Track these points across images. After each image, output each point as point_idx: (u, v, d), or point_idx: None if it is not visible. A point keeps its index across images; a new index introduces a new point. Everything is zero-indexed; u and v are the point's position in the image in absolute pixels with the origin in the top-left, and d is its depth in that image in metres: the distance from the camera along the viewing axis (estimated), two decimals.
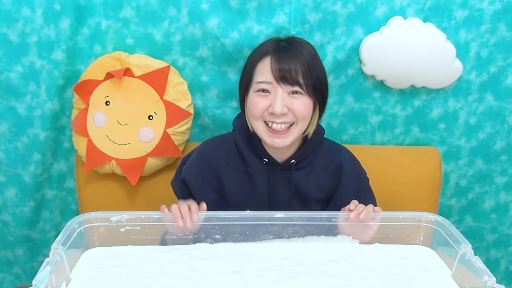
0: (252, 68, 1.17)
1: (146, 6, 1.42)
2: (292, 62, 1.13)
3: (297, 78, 1.12)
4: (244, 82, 1.19)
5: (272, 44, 1.18)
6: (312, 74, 1.14)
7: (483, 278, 0.88)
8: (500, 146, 1.64)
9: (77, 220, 1.03)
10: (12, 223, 1.64)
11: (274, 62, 1.13)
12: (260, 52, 1.17)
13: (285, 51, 1.15)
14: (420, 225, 1.09)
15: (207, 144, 1.30)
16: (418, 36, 1.43)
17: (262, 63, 1.15)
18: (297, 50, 1.15)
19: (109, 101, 1.44)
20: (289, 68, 1.12)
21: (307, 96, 1.15)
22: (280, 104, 1.12)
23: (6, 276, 1.77)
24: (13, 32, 1.41)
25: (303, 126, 1.18)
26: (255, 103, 1.16)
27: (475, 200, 1.72)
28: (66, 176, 1.64)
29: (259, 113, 1.15)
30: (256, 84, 1.15)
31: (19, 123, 1.52)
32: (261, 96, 1.15)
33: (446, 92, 1.56)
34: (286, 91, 1.13)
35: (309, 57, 1.15)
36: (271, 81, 1.13)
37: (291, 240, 1.08)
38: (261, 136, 1.18)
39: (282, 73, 1.12)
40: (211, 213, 1.08)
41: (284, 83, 1.12)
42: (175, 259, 1.02)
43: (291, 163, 1.22)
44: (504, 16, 1.46)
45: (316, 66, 1.16)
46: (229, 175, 1.24)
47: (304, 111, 1.15)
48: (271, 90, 1.14)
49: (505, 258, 1.81)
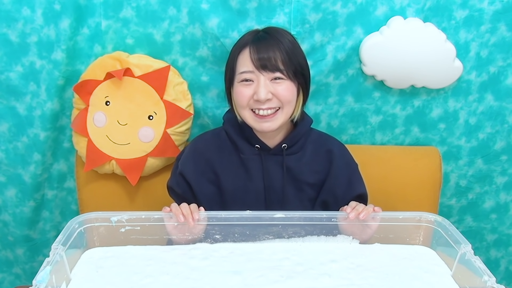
0: (233, 61, 1.22)
1: (146, 6, 1.42)
2: (270, 50, 1.17)
3: (277, 65, 1.17)
4: (228, 75, 1.25)
5: (250, 35, 1.23)
6: (292, 60, 1.18)
7: (483, 278, 0.88)
8: (500, 146, 1.64)
9: (77, 220, 1.03)
10: (12, 223, 1.64)
11: (253, 52, 1.18)
12: (240, 45, 1.22)
13: (263, 40, 1.19)
14: (420, 225, 1.09)
15: (198, 139, 1.34)
16: (418, 36, 1.43)
17: (243, 55, 1.20)
18: (275, 38, 1.19)
19: (109, 101, 1.44)
20: (268, 56, 1.17)
21: (289, 80, 1.19)
22: (264, 90, 1.17)
23: (6, 276, 1.77)
24: (13, 32, 1.41)
25: (289, 110, 1.22)
26: (240, 92, 1.21)
27: (475, 200, 1.72)
28: (66, 176, 1.64)
29: (245, 102, 1.20)
30: (239, 75, 1.20)
31: (19, 123, 1.52)
32: (245, 85, 1.20)
33: (446, 92, 1.56)
34: (268, 78, 1.18)
35: (288, 45, 1.19)
36: (253, 70, 1.18)
37: (291, 240, 1.08)
38: (250, 123, 1.23)
39: (262, 61, 1.16)
40: (211, 213, 1.08)
41: (265, 70, 1.17)
42: (175, 259, 1.02)
43: (283, 147, 1.26)
44: (504, 16, 1.46)
45: (296, 52, 1.20)
46: (223, 165, 1.28)
47: (287, 95, 1.20)
48: (253, 78, 1.19)
49: (505, 258, 1.81)
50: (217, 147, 1.30)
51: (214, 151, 1.29)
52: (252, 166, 1.27)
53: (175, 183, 1.30)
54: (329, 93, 1.54)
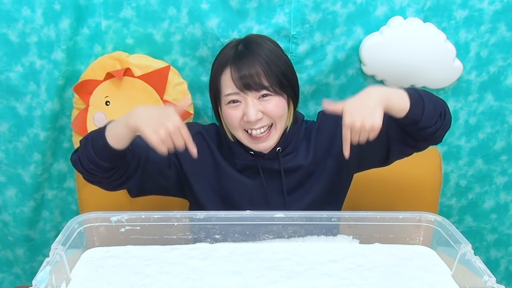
0: (216, 81, 1.17)
1: (146, 6, 1.42)
2: (252, 67, 1.12)
3: (261, 82, 1.12)
4: (213, 95, 1.20)
5: (230, 50, 1.17)
6: (275, 73, 1.13)
7: (483, 278, 0.88)
8: (500, 146, 1.64)
9: (77, 220, 1.03)
10: (12, 223, 1.64)
11: (234, 72, 1.12)
12: (220, 63, 1.17)
13: (242, 58, 1.13)
14: (420, 225, 1.09)
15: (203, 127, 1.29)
16: (418, 36, 1.43)
17: (225, 75, 1.15)
18: (254, 53, 1.13)
19: (109, 101, 1.44)
20: (250, 73, 1.11)
21: (277, 96, 1.15)
22: (253, 111, 1.12)
23: (6, 276, 1.77)
24: (13, 32, 1.41)
25: (282, 124, 1.19)
26: (229, 115, 1.16)
27: (475, 200, 1.72)
28: (66, 176, 1.64)
29: (237, 124, 1.16)
30: (225, 97, 1.16)
31: (19, 123, 1.52)
32: (233, 107, 1.15)
33: (446, 92, 1.56)
34: (255, 96, 1.13)
35: (267, 55, 1.14)
36: (238, 92, 1.13)
37: (291, 240, 1.08)
38: (245, 143, 1.19)
39: (245, 80, 1.11)
40: (211, 213, 1.08)
41: (250, 90, 1.12)
42: (175, 259, 1.01)
43: (277, 150, 1.22)
44: (504, 16, 1.46)
45: (276, 61, 1.14)
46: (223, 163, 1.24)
47: (278, 111, 1.15)
48: (240, 99, 1.14)
49: (505, 258, 1.81)
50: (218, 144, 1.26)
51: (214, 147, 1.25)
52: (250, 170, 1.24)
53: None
54: (329, 93, 1.54)
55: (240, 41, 1.19)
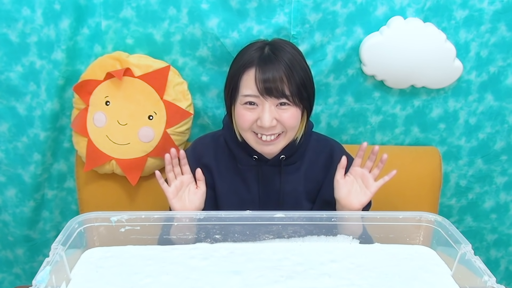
0: (237, 80, 1.17)
1: (146, 6, 1.42)
2: (276, 71, 1.12)
3: (283, 90, 1.12)
4: (230, 92, 1.20)
5: (256, 52, 1.17)
6: (298, 86, 1.14)
7: (483, 278, 0.88)
8: (500, 146, 1.64)
9: (77, 220, 1.02)
10: (12, 223, 1.64)
11: (259, 75, 1.12)
12: (244, 62, 1.16)
13: (268, 61, 1.14)
14: (420, 225, 1.09)
15: (198, 142, 1.33)
16: (418, 36, 1.43)
17: (247, 75, 1.15)
18: (280, 58, 1.14)
19: (109, 101, 1.44)
20: (274, 78, 1.11)
21: (294, 107, 1.15)
22: (269, 118, 1.13)
23: (6, 276, 1.77)
24: (13, 32, 1.41)
25: (292, 134, 1.20)
26: (243, 116, 1.16)
27: (475, 200, 1.72)
28: (66, 176, 1.64)
29: (248, 126, 1.17)
30: (243, 97, 1.16)
31: (19, 123, 1.52)
32: (249, 109, 1.16)
33: (446, 92, 1.56)
34: (273, 103, 1.14)
35: (290, 60, 1.14)
36: (257, 95, 1.13)
37: (291, 240, 1.08)
38: (251, 144, 1.21)
39: (268, 85, 1.12)
40: (211, 213, 1.08)
41: (271, 96, 1.13)
42: (175, 259, 1.01)
43: (281, 158, 1.24)
44: (504, 16, 1.46)
45: (297, 67, 1.15)
46: (220, 172, 1.27)
47: (292, 122, 1.17)
48: (258, 103, 1.15)
49: (505, 258, 1.81)
50: (215, 153, 1.29)
51: (211, 157, 1.28)
52: (249, 176, 1.26)
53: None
54: (329, 93, 1.54)
55: (266, 44, 1.19)
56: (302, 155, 1.27)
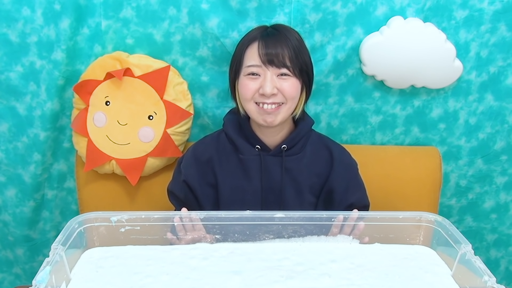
0: (241, 54, 1.24)
1: (146, 6, 1.42)
2: (278, 46, 1.19)
3: (284, 61, 1.19)
4: (234, 67, 1.27)
5: (259, 30, 1.25)
6: (299, 58, 1.21)
7: (483, 278, 0.88)
8: (500, 146, 1.64)
9: (77, 220, 1.02)
10: (12, 223, 1.64)
11: (261, 47, 1.20)
12: (248, 39, 1.25)
13: (271, 36, 1.22)
14: (420, 225, 1.09)
15: (198, 143, 1.36)
16: (418, 36, 1.43)
17: (251, 48, 1.22)
18: (283, 35, 1.22)
19: (109, 101, 1.44)
20: (276, 51, 1.19)
21: (294, 77, 1.22)
22: (270, 85, 1.19)
23: (6, 276, 1.77)
24: (13, 32, 1.41)
25: (291, 106, 1.25)
26: (246, 85, 1.23)
27: (475, 200, 1.72)
28: (66, 176, 1.64)
29: (250, 95, 1.22)
30: (246, 68, 1.23)
31: (19, 123, 1.52)
32: (251, 79, 1.22)
33: (446, 92, 1.56)
34: (275, 73, 1.21)
35: (295, 42, 1.22)
36: (260, 64, 1.20)
37: (291, 240, 1.08)
38: (253, 116, 1.25)
39: (270, 56, 1.19)
40: (211, 213, 1.08)
41: (272, 65, 1.20)
42: (175, 259, 1.01)
43: (282, 148, 1.27)
44: (504, 16, 1.46)
45: (302, 51, 1.23)
46: (221, 165, 1.29)
47: (292, 91, 1.22)
48: (260, 73, 1.21)
49: (505, 258, 1.81)
50: (216, 148, 1.31)
51: (213, 152, 1.30)
52: (251, 167, 1.28)
53: (178, 189, 1.30)
54: (329, 93, 1.54)
55: (269, 26, 1.28)
56: (303, 147, 1.30)
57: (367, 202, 1.33)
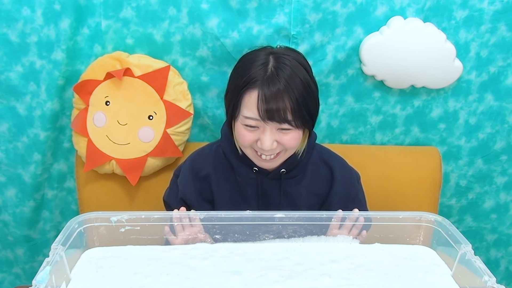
0: (238, 98, 1.12)
1: (146, 6, 1.42)
2: (280, 100, 1.07)
3: (286, 117, 1.08)
4: (231, 109, 1.15)
5: (260, 70, 1.10)
6: (302, 110, 1.10)
7: (483, 278, 0.88)
8: (500, 146, 1.64)
9: (77, 220, 1.02)
10: (12, 223, 1.64)
11: (261, 101, 1.07)
12: (247, 79, 1.10)
13: (273, 87, 1.07)
14: (420, 225, 1.09)
15: (196, 155, 1.31)
16: (418, 36, 1.43)
17: (249, 97, 1.10)
18: (287, 85, 1.07)
19: (109, 101, 1.44)
20: (277, 106, 1.07)
21: (296, 129, 1.12)
22: (269, 142, 1.11)
23: (6, 276, 1.77)
24: (13, 32, 1.41)
25: (292, 152, 1.19)
26: (243, 136, 1.14)
27: (475, 200, 1.72)
28: (66, 176, 1.64)
29: (248, 145, 1.16)
30: (243, 118, 1.12)
31: (19, 123, 1.52)
32: (249, 130, 1.13)
33: (446, 92, 1.56)
34: (275, 127, 1.11)
35: (299, 90, 1.08)
36: (259, 119, 1.10)
37: (291, 240, 1.08)
38: (250, 157, 1.20)
39: (270, 113, 1.08)
40: (211, 213, 1.08)
41: (272, 121, 1.09)
42: (175, 259, 1.01)
43: (281, 172, 1.22)
44: (504, 16, 1.46)
45: (306, 98, 1.10)
46: (219, 184, 1.26)
47: (293, 143, 1.15)
48: (259, 125, 1.12)
49: (505, 258, 1.81)
50: (214, 164, 1.27)
51: (210, 169, 1.26)
52: (248, 189, 1.25)
53: (175, 203, 1.25)
54: (329, 93, 1.54)
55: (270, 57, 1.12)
56: (303, 169, 1.25)
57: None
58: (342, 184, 1.26)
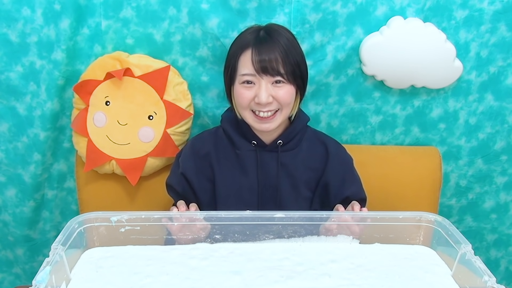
0: (235, 61, 1.24)
1: (146, 6, 1.42)
2: (271, 53, 1.19)
3: (278, 68, 1.20)
4: (229, 73, 1.27)
5: (251, 35, 1.24)
6: (290, 60, 1.21)
7: (483, 278, 0.88)
8: (500, 146, 1.64)
9: (77, 220, 1.02)
10: (12, 223, 1.64)
11: (255, 55, 1.20)
12: (241, 44, 1.24)
13: (264, 43, 1.21)
14: (420, 225, 1.09)
15: (196, 137, 1.38)
16: (418, 36, 1.43)
17: (244, 56, 1.22)
18: (275, 40, 1.21)
19: (109, 101, 1.44)
20: (270, 59, 1.19)
21: (289, 84, 1.22)
22: (265, 94, 1.20)
23: (6, 276, 1.77)
24: (13, 32, 1.41)
25: (287, 111, 1.26)
26: (241, 94, 1.24)
27: (475, 200, 1.72)
28: (66, 176, 1.64)
29: (246, 103, 1.23)
30: (241, 77, 1.23)
31: (19, 123, 1.52)
32: (247, 87, 1.23)
33: (446, 92, 1.56)
34: (269, 81, 1.21)
35: (286, 44, 1.21)
36: (254, 73, 1.20)
37: (291, 240, 1.08)
38: (250, 123, 1.27)
39: (263, 64, 1.19)
40: (211, 213, 1.08)
41: (266, 74, 1.20)
42: (175, 259, 1.01)
43: (278, 143, 1.29)
44: (504, 16, 1.46)
45: (293, 51, 1.22)
46: (219, 160, 1.31)
47: (287, 98, 1.23)
48: (255, 81, 1.22)
49: (505, 258, 1.81)
50: (214, 143, 1.33)
51: (211, 147, 1.32)
52: (247, 162, 1.30)
53: (176, 182, 1.31)
54: (329, 93, 1.54)
55: (261, 28, 1.27)
56: (299, 142, 1.32)
57: (363, 195, 1.33)
58: (337, 159, 1.33)
